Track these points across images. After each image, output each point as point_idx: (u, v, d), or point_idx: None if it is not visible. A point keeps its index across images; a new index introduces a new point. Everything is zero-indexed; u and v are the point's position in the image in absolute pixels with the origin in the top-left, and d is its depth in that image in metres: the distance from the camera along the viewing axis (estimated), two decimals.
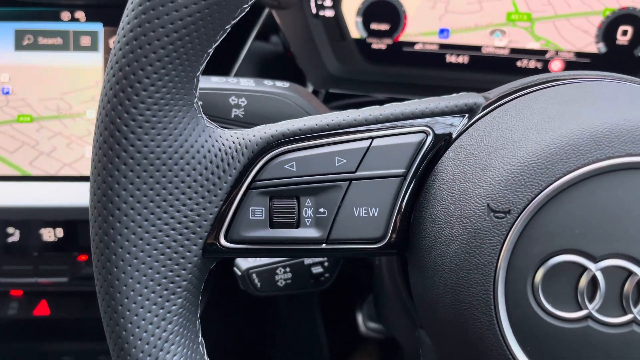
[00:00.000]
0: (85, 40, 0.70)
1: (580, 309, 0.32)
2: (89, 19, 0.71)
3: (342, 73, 0.75)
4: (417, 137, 0.38)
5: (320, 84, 0.75)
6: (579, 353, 0.32)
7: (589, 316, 0.32)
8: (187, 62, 0.34)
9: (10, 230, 0.71)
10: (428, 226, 0.36)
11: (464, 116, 0.39)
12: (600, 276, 0.32)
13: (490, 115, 0.38)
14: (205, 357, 0.38)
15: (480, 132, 0.37)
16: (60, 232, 0.71)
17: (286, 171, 0.37)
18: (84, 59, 0.71)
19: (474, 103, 0.39)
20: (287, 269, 0.53)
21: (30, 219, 0.70)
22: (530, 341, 0.32)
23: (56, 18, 0.70)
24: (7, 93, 0.70)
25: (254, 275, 0.52)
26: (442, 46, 0.74)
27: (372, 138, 0.37)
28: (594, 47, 0.72)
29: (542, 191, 0.32)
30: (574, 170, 0.31)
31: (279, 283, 0.53)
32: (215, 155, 0.36)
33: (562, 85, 0.38)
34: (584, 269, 0.32)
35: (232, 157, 0.36)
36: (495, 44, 0.73)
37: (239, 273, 0.53)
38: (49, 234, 0.71)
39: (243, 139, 0.37)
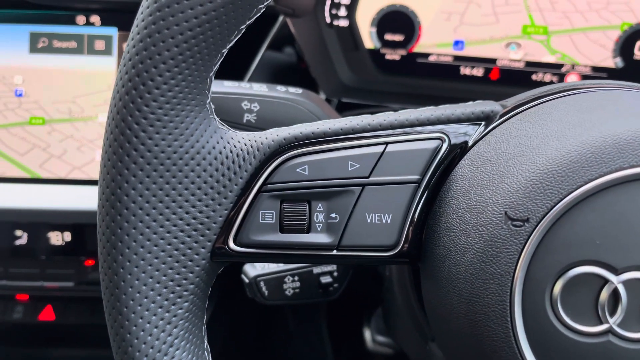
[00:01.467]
0: (100, 44, 0.70)
1: (601, 323, 0.31)
2: (104, 23, 0.71)
3: (355, 83, 0.74)
4: (432, 144, 0.37)
5: (332, 93, 0.74)
6: None
7: (609, 331, 0.31)
8: (201, 62, 0.33)
9: (18, 232, 0.70)
10: (442, 234, 0.35)
11: (480, 124, 0.38)
12: (622, 289, 0.30)
13: (508, 122, 0.37)
14: None
15: (497, 139, 0.36)
16: (68, 236, 0.71)
17: (298, 175, 0.36)
18: (97, 63, 0.71)
19: (490, 110, 0.38)
20: (296, 278, 0.53)
21: (39, 222, 0.70)
22: (548, 356, 0.31)
23: (71, 22, 0.70)
24: (20, 95, 0.70)
25: (262, 283, 0.51)
26: (457, 58, 0.73)
27: (387, 144, 0.37)
28: (611, 61, 0.71)
29: (562, 199, 0.31)
30: (596, 178, 0.30)
31: (287, 292, 0.52)
32: (227, 157, 0.35)
33: (583, 94, 0.37)
34: (605, 281, 0.31)
35: (244, 160, 0.36)
36: (511, 57, 0.72)
37: (247, 280, 0.52)
38: (56, 238, 0.71)
39: (255, 141, 0.36)
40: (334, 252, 0.36)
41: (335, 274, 0.54)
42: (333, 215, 0.36)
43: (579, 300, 0.31)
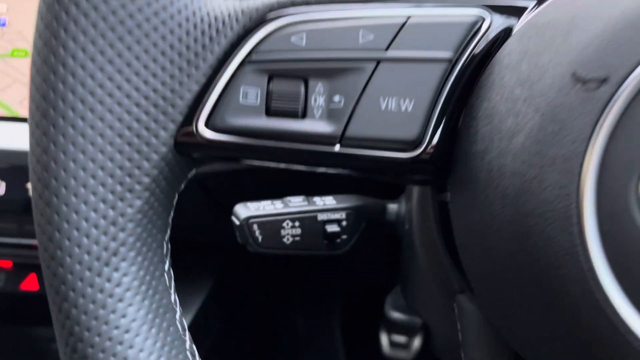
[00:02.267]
0: None
1: None
2: None
3: None
4: (470, 18, 0.28)
5: None
6: None
7: None
8: None
9: None
10: (481, 125, 0.26)
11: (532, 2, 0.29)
12: None
13: None
14: (172, 291, 0.29)
15: (557, 4, 0.27)
16: None
17: (292, 45, 0.28)
18: None
19: None
20: (296, 224, 0.44)
21: (18, 166, 0.63)
22: (631, 273, 0.22)
23: None
24: (4, 25, 0.64)
25: (255, 226, 0.43)
26: None
27: (410, 16, 0.28)
28: None
29: None
30: None
31: (285, 239, 0.43)
32: (201, 20, 0.27)
33: None
34: None
35: (223, 23, 0.28)
36: None
37: (237, 223, 0.43)
38: None
39: (239, 2, 0.28)
40: (337, 147, 0.28)
41: (344, 223, 0.45)
42: (336, 98, 0.28)
43: None
